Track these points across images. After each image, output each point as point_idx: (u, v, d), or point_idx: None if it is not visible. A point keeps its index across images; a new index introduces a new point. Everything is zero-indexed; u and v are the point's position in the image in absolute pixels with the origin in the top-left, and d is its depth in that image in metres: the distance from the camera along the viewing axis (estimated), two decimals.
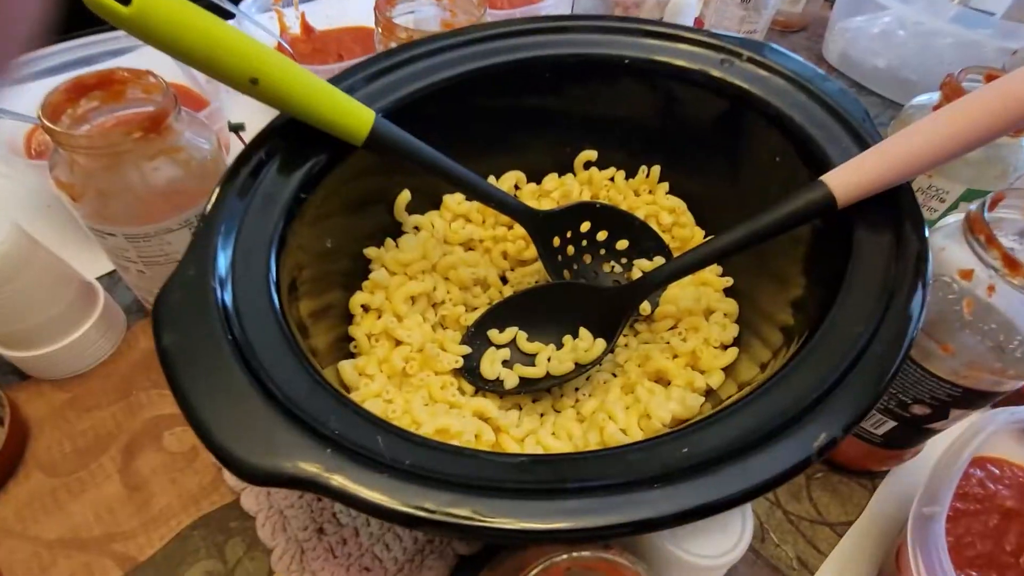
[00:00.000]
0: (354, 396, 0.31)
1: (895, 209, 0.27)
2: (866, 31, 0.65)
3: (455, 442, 0.29)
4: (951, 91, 0.37)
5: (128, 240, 0.32)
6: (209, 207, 0.25)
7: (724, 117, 0.37)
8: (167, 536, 0.31)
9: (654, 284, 0.33)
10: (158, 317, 0.21)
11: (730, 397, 0.28)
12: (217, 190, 0.25)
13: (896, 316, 0.24)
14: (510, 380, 0.33)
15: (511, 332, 0.35)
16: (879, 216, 0.27)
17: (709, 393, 0.33)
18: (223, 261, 0.23)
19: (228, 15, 0.53)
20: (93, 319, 0.37)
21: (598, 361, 0.33)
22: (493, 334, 0.35)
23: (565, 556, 0.17)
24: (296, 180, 0.28)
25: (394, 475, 0.18)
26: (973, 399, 0.28)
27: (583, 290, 0.37)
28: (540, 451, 0.30)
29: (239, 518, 0.32)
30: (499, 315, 0.36)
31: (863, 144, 0.31)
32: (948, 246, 0.27)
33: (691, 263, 0.30)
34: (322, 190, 0.30)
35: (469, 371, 0.34)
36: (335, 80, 0.32)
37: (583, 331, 0.35)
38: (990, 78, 0.38)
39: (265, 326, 0.22)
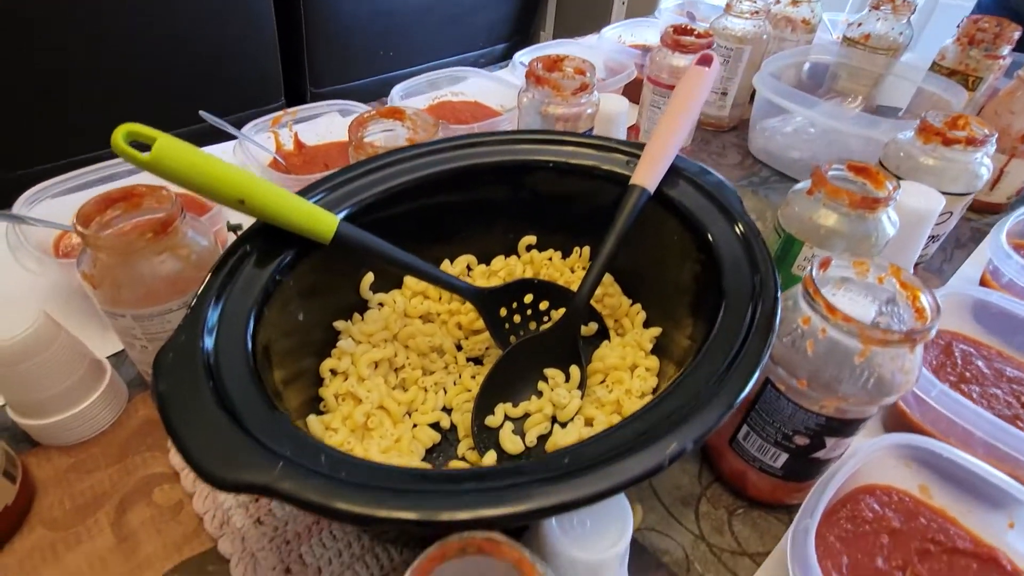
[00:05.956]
0: None
1: (756, 275, 0.34)
2: (781, 129, 0.76)
3: None
4: (818, 179, 0.45)
5: (135, 320, 0.39)
6: (201, 288, 0.32)
7: None
8: None
9: (583, 302, 0.41)
10: (156, 370, 0.27)
11: None
12: (208, 275, 0.32)
13: (746, 357, 0.30)
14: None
15: (501, 410, 0.40)
16: (744, 281, 0.34)
17: None
18: (210, 327, 0.29)
19: (231, 137, 0.64)
20: (99, 391, 0.42)
21: (582, 384, 0.41)
22: (491, 420, 0.40)
23: (456, 537, 0.22)
24: (272, 267, 0.35)
25: (329, 483, 0.23)
26: (839, 427, 0.34)
27: (534, 341, 0.43)
28: None
29: (216, 562, 0.36)
30: (483, 402, 0.40)
31: (732, 221, 0.38)
32: (797, 300, 0.34)
33: (597, 271, 0.41)
34: (295, 275, 0.37)
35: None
36: (308, 189, 0.40)
37: (553, 371, 0.42)
38: (851, 167, 0.47)
39: (240, 375, 0.28)
